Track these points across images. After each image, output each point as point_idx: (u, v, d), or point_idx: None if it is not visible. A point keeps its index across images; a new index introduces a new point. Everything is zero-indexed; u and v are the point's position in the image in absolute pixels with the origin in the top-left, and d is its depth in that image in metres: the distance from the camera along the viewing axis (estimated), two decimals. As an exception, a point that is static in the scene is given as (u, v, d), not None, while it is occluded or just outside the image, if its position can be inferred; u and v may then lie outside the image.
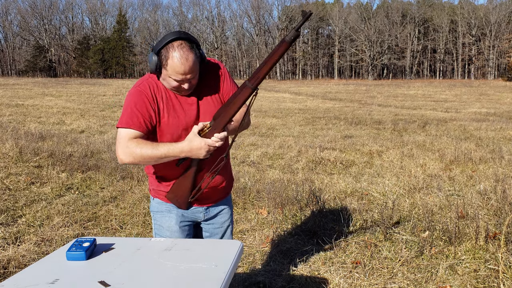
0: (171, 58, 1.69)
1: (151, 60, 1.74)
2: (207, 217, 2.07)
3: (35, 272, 1.44)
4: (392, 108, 18.92)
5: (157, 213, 2.03)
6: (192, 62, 1.71)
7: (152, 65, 1.74)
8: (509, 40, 69.32)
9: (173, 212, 1.99)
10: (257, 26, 79.94)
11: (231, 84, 1.94)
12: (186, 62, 1.70)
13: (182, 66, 1.70)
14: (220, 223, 2.10)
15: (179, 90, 1.80)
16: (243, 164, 6.81)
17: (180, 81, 1.74)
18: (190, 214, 2.02)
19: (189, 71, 1.72)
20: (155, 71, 1.76)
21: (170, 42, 1.70)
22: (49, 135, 8.84)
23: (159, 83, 1.83)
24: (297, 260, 3.28)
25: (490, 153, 7.42)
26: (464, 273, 2.98)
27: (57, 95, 22.85)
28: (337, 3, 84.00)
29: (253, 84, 1.71)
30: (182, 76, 1.72)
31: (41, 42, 72.88)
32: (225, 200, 2.12)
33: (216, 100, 1.90)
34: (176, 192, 1.91)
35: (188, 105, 1.85)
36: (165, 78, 1.76)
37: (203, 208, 2.04)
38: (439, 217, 4.05)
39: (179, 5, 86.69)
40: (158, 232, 2.03)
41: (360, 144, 8.66)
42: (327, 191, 5.03)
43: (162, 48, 1.71)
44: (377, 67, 76.61)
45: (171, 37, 1.70)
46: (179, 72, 1.71)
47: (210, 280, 1.32)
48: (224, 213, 2.11)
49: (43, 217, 4.16)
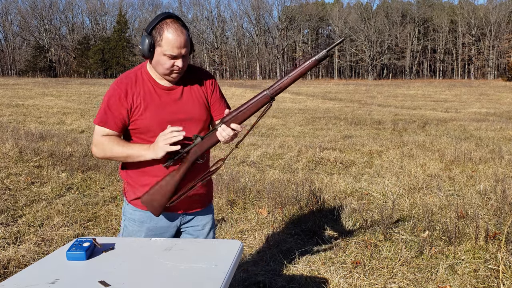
0: (166, 32, 1.70)
1: (144, 42, 1.73)
2: (185, 220, 1.99)
3: (35, 272, 1.44)
4: (392, 108, 18.92)
5: (130, 220, 1.95)
6: (186, 36, 1.74)
7: (145, 47, 1.73)
8: (509, 40, 69.33)
9: (144, 225, 1.91)
10: (257, 26, 79.96)
11: (220, 96, 1.97)
12: (181, 34, 1.71)
13: (178, 38, 1.70)
14: (202, 225, 2.03)
15: (172, 72, 1.78)
16: (243, 164, 6.81)
17: (175, 57, 1.73)
18: (163, 225, 1.93)
19: (184, 44, 1.72)
20: (148, 53, 1.74)
21: (162, 20, 1.72)
22: (49, 135, 8.84)
23: (140, 78, 1.82)
24: (297, 260, 3.28)
25: (490, 153, 7.43)
26: (464, 273, 2.98)
27: (57, 95, 22.85)
28: (337, 3, 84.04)
29: (272, 93, 1.74)
30: (177, 50, 1.72)
31: (41, 42, 72.90)
32: (206, 209, 2.05)
33: (199, 103, 1.89)
34: (154, 196, 1.82)
35: (169, 101, 1.83)
36: (159, 58, 1.74)
37: (179, 217, 1.96)
38: (439, 217, 4.05)
39: (179, 5, 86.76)
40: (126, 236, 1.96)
41: (360, 144, 8.66)
42: (327, 191, 5.03)
43: (155, 27, 1.72)
44: (377, 67, 76.63)
45: (162, 16, 1.72)
46: (175, 45, 1.71)
47: (210, 280, 1.32)
48: (204, 214, 2.04)
49: (43, 217, 4.16)
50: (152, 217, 1.90)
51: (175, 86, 1.85)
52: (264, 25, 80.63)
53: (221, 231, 3.90)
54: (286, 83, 1.74)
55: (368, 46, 75.17)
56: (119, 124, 1.80)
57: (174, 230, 1.97)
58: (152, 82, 1.83)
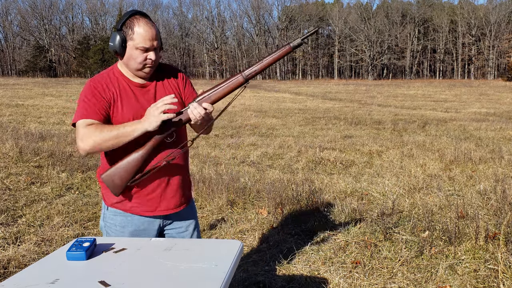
0: (137, 26, 1.73)
1: (115, 38, 1.74)
2: (166, 223, 1.95)
3: (35, 272, 1.44)
4: (392, 108, 18.91)
5: (111, 226, 1.90)
6: (156, 29, 1.77)
7: (116, 43, 1.74)
8: (509, 40, 69.33)
9: (126, 230, 1.88)
10: (257, 26, 79.96)
11: (192, 90, 1.98)
12: (152, 27, 1.75)
13: (149, 30, 1.73)
14: (185, 226, 2.00)
15: (145, 66, 1.78)
16: (243, 164, 6.81)
17: (147, 50, 1.75)
18: (145, 229, 1.90)
19: (156, 36, 1.76)
20: (120, 48, 1.74)
21: (131, 16, 1.75)
22: (49, 135, 8.85)
23: (114, 77, 1.82)
24: (297, 260, 3.28)
25: (490, 153, 7.43)
26: (464, 273, 2.98)
27: (57, 95, 22.85)
28: (337, 3, 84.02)
29: (247, 76, 1.76)
30: (149, 42, 1.74)
31: (41, 42, 72.90)
32: (187, 209, 2.01)
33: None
34: (117, 170, 1.76)
35: (144, 98, 1.84)
36: (132, 52, 1.75)
37: (159, 220, 1.93)
38: (439, 217, 4.05)
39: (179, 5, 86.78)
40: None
41: (360, 144, 8.66)
42: (327, 191, 5.03)
43: (125, 23, 1.74)
44: (377, 67, 76.62)
45: (130, 12, 1.76)
46: (147, 38, 1.73)
47: (210, 280, 1.33)
48: (187, 216, 2.00)
49: (43, 217, 4.16)
50: (133, 221, 1.88)
51: (148, 82, 1.86)
52: (264, 25, 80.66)
53: (221, 231, 3.90)
54: (261, 67, 1.78)
55: (368, 46, 75.15)
56: (102, 112, 1.75)
57: (156, 233, 1.93)
58: (126, 79, 1.84)
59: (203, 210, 4.45)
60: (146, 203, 1.87)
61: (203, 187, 4.86)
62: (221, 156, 7.38)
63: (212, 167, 6.16)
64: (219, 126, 11.43)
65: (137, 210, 1.88)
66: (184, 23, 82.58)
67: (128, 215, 1.88)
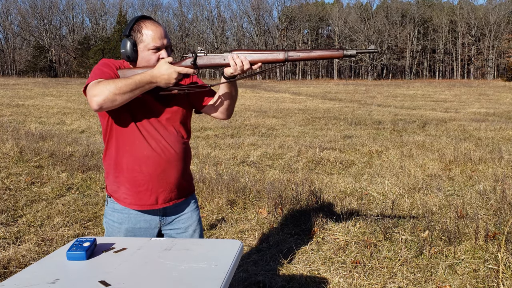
0: (145, 28, 1.76)
1: (125, 44, 1.75)
2: (165, 222, 1.93)
3: (35, 272, 1.44)
4: (392, 108, 18.91)
5: (109, 221, 1.90)
6: (164, 28, 1.79)
7: (128, 48, 1.74)
8: (508, 40, 69.31)
9: (123, 226, 1.87)
10: (257, 27, 79.93)
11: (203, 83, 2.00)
12: (159, 26, 1.78)
13: (157, 29, 1.76)
14: (184, 227, 1.96)
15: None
16: (243, 164, 6.81)
17: (159, 49, 1.76)
18: (142, 227, 1.89)
19: (165, 34, 1.78)
20: (132, 52, 1.75)
21: (137, 21, 1.78)
22: (50, 135, 8.85)
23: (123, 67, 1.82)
24: (297, 260, 3.28)
25: (489, 153, 7.43)
26: (463, 273, 2.98)
27: (58, 95, 22.85)
28: (337, 3, 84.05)
29: (288, 56, 1.69)
30: (160, 41, 1.76)
31: (41, 42, 72.89)
32: (186, 200, 1.97)
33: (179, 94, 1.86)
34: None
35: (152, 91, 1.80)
36: (144, 55, 1.76)
37: (157, 218, 1.90)
38: (439, 217, 4.06)
39: (179, 5, 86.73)
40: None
41: (360, 144, 8.66)
42: (327, 191, 5.04)
43: (132, 29, 1.77)
44: (376, 67, 76.63)
45: (136, 18, 1.79)
46: (156, 37, 1.75)
47: (210, 280, 1.33)
48: (187, 217, 1.97)
49: (43, 217, 4.16)
50: (130, 218, 1.87)
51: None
52: (264, 25, 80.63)
53: (221, 231, 3.90)
54: (306, 56, 1.69)
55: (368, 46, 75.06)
56: (114, 78, 1.71)
57: (155, 232, 1.91)
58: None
59: (203, 210, 4.46)
60: (137, 195, 1.83)
61: (203, 187, 4.86)
62: (221, 156, 7.38)
63: (212, 167, 6.16)
64: (219, 126, 11.44)
65: (128, 201, 1.84)
66: (184, 23, 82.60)
67: (124, 211, 1.86)
